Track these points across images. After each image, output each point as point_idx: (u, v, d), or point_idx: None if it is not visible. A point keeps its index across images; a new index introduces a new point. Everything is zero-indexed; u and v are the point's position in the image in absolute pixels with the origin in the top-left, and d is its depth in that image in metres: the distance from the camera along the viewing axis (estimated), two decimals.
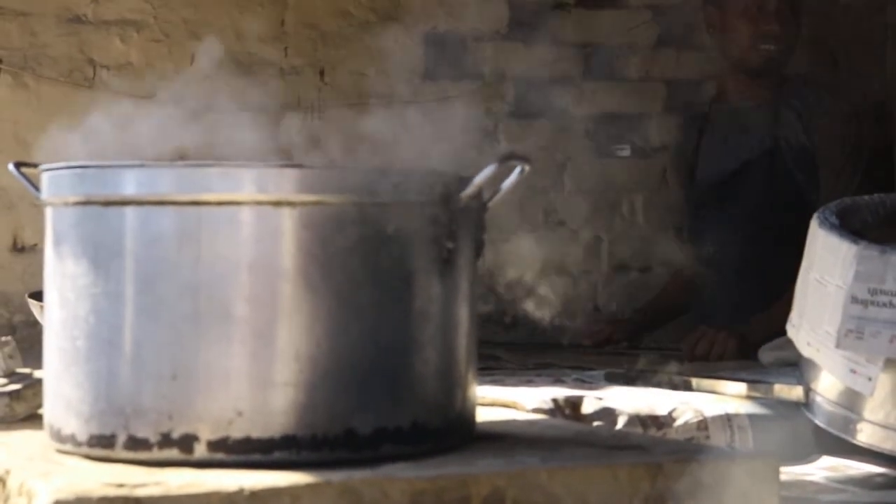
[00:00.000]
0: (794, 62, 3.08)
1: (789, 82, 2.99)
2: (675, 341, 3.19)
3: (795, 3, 2.97)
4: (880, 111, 3.53)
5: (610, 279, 3.50)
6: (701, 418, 1.90)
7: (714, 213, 3.00)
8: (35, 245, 2.89)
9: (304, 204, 1.30)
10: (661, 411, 1.91)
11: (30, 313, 2.41)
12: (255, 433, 1.28)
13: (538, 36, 3.41)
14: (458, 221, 1.38)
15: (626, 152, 3.51)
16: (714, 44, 3.11)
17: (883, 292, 1.76)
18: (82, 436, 1.33)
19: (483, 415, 1.54)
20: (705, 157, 3.07)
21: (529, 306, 3.42)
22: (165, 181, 1.32)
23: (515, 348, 2.93)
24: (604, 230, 3.50)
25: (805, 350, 1.89)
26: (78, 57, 2.94)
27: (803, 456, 1.92)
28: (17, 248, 2.91)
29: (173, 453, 1.28)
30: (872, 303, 1.77)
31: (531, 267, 3.42)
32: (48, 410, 1.39)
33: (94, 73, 2.95)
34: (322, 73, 3.12)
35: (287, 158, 2.97)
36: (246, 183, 1.30)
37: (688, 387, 2.08)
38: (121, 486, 1.16)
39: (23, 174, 1.48)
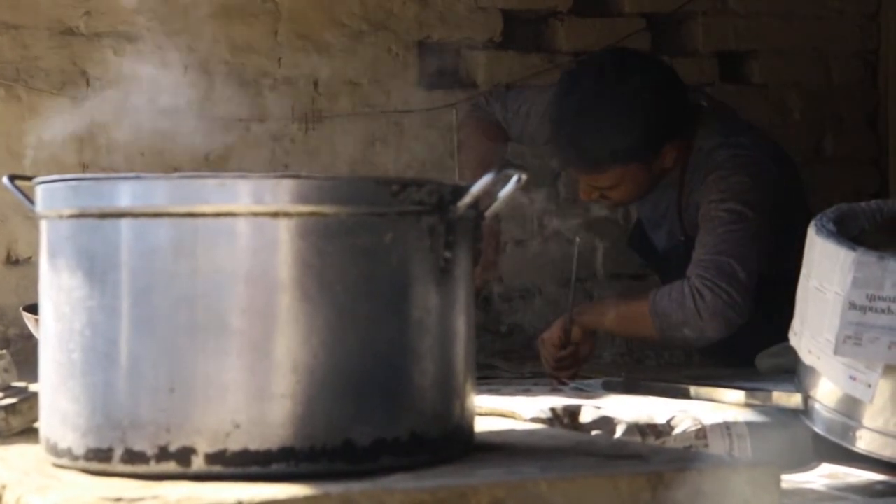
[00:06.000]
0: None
1: (702, 147, 2.61)
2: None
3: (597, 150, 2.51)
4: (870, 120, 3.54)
5: (605, 287, 3.50)
6: (699, 427, 1.90)
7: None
8: (29, 258, 2.88)
9: (300, 214, 1.30)
10: (660, 420, 1.90)
11: (24, 326, 2.40)
12: (253, 445, 1.28)
13: (532, 44, 3.41)
14: (455, 231, 1.38)
15: None
16: None
17: (881, 298, 1.76)
18: (79, 449, 1.32)
19: (481, 425, 1.53)
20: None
21: (524, 315, 3.42)
22: (161, 193, 1.31)
23: (511, 357, 2.92)
24: (598, 238, 3.49)
25: (806, 358, 1.89)
26: (70, 69, 2.93)
27: (802, 463, 1.92)
28: (11, 261, 2.90)
29: (171, 466, 1.28)
30: (871, 309, 1.76)
31: (526, 275, 3.42)
32: (44, 424, 1.39)
33: (88, 86, 2.94)
34: (316, 84, 3.12)
35: (283, 169, 2.97)
36: (242, 194, 1.29)
37: (686, 395, 2.07)
38: (118, 500, 1.16)
39: (17, 187, 1.48)
